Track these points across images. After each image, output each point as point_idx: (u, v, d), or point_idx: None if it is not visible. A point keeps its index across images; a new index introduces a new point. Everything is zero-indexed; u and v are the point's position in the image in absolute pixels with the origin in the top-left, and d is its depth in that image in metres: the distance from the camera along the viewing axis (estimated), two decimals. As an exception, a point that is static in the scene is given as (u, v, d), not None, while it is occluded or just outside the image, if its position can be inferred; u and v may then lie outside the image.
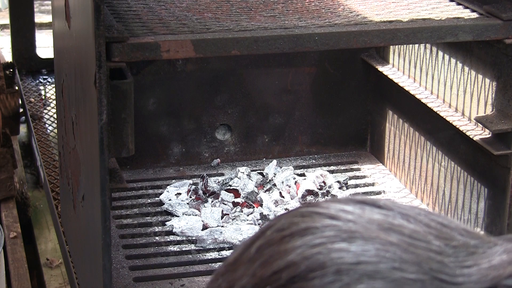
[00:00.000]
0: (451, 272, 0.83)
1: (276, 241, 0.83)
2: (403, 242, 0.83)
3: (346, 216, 0.84)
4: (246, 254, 0.84)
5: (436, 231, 0.87)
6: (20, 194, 3.67)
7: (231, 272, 0.84)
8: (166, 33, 2.06)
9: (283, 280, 0.79)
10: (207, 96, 3.05)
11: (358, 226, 0.84)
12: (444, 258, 0.84)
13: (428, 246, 0.84)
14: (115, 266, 2.41)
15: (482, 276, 0.84)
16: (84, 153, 2.19)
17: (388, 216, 0.86)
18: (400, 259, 0.82)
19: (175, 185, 2.87)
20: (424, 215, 0.88)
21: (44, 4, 6.76)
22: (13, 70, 4.20)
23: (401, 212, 0.87)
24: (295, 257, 0.80)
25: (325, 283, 0.78)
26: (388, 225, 0.85)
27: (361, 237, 0.82)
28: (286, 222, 0.85)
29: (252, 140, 3.14)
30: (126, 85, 1.94)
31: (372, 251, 0.81)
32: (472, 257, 0.86)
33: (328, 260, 0.80)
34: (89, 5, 1.88)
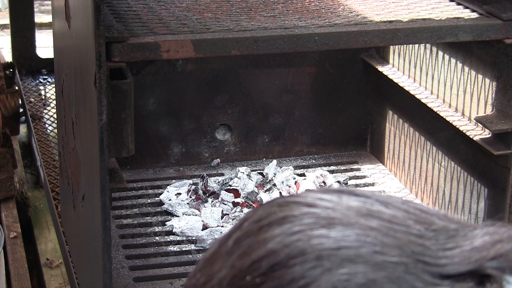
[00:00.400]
0: (434, 255, 0.82)
1: (254, 231, 0.82)
2: (383, 226, 0.83)
3: (324, 204, 0.84)
4: (223, 247, 0.83)
5: (415, 216, 0.86)
6: (20, 194, 3.67)
7: (209, 266, 0.83)
8: (166, 33, 2.06)
9: (263, 269, 0.78)
10: (207, 96, 3.05)
11: (337, 213, 0.83)
12: (425, 241, 0.83)
13: (408, 230, 0.83)
14: (115, 266, 2.41)
15: (465, 258, 0.83)
16: (84, 153, 2.19)
17: (366, 203, 0.85)
18: (381, 243, 0.81)
19: (175, 185, 2.87)
20: (402, 202, 0.88)
21: (44, 4, 6.76)
22: (13, 70, 4.20)
23: (379, 200, 0.87)
24: (274, 246, 0.79)
25: (306, 269, 0.78)
26: (366, 211, 0.84)
27: (341, 223, 0.81)
28: (263, 212, 0.84)
29: (252, 140, 3.14)
30: (126, 85, 1.94)
31: (352, 236, 0.80)
32: (453, 239, 0.85)
33: (308, 246, 0.79)
34: (89, 5, 1.88)
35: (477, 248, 0.85)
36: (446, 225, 0.87)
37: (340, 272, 0.78)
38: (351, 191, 0.88)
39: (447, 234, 0.86)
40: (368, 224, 0.83)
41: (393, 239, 0.82)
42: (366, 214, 0.84)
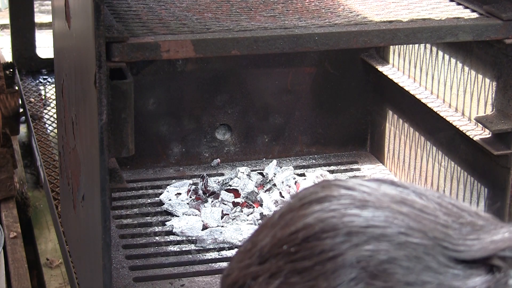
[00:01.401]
0: (454, 242, 0.91)
1: (296, 207, 0.92)
2: (412, 213, 0.92)
3: (362, 188, 0.93)
4: (270, 220, 0.94)
5: (446, 210, 0.94)
6: (20, 194, 3.67)
7: (256, 235, 0.95)
8: (166, 33, 2.06)
9: (298, 240, 0.89)
10: (207, 96, 3.05)
11: (372, 197, 0.92)
12: (449, 230, 0.91)
13: (435, 219, 0.92)
14: (115, 266, 2.41)
15: (481, 248, 0.91)
16: (84, 153, 2.19)
17: (403, 192, 0.95)
18: (407, 226, 0.90)
19: (175, 185, 2.87)
20: (438, 196, 0.96)
21: (44, 4, 6.76)
22: (13, 70, 4.20)
23: (416, 191, 0.96)
24: (311, 220, 0.90)
25: (336, 243, 0.88)
26: (400, 199, 0.93)
27: (373, 206, 0.91)
28: (307, 192, 0.94)
29: (252, 140, 3.14)
30: (126, 85, 1.94)
31: (381, 217, 0.90)
32: (476, 232, 0.93)
33: (340, 223, 0.89)
34: (89, 5, 1.88)
35: (495, 241, 0.92)
36: (474, 221, 0.95)
37: (365, 248, 0.87)
38: (392, 181, 0.97)
39: (472, 228, 0.94)
40: (399, 209, 0.92)
41: (419, 224, 0.91)
42: (399, 201, 0.93)
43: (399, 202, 0.93)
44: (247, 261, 0.93)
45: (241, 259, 0.94)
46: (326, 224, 0.89)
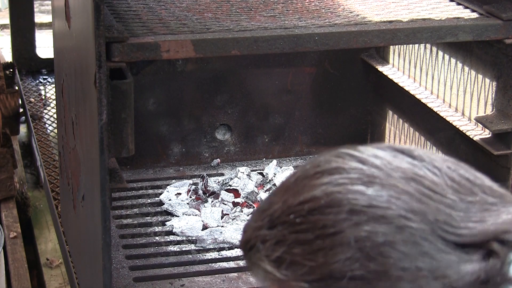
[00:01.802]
0: (456, 225, 0.93)
1: (310, 175, 0.97)
2: (418, 192, 0.94)
3: (374, 162, 0.97)
4: (288, 181, 1.00)
5: (457, 185, 0.97)
6: (20, 194, 3.67)
7: (273, 195, 1.01)
8: (166, 33, 2.06)
9: (304, 211, 0.94)
10: (207, 96, 3.05)
11: (381, 173, 0.95)
12: (453, 211, 0.94)
13: (441, 199, 0.94)
14: (115, 266, 2.41)
15: (484, 230, 0.94)
16: (84, 153, 2.19)
17: (416, 166, 0.97)
18: (409, 208, 0.93)
19: (175, 185, 2.87)
20: (454, 169, 0.99)
21: (44, 4, 6.76)
22: (13, 70, 4.20)
23: (432, 163, 0.98)
24: (318, 193, 0.94)
25: (337, 219, 0.93)
26: (411, 175, 0.95)
27: (380, 183, 0.94)
28: (323, 159, 0.99)
29: (252, 140, 3.13)
30: (126, 85, 1.94)
31: (384, 197, 0.93)
32: (482, 213, 0.95)
33: (345, 199, 0.93)
34: (89, 5, 1.88)
35: (498, 223, 0.95)
36: (484, 198, 0.97)
37: (364, 229, 0.92)
38: (410, 151, 0.99)
39: (481, 207, 0.96)
40: (405, 188, 0.94)
41: (422, 205, 0.93)
42: (409, 177, 0.95)
43: (408, 179, 0.95)
44: (260, 223, 1.00)
45: (256, 219, 1.01)
46: (331, 199, 0.94)
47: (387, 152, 0.98)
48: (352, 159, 0.97)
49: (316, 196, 0.94)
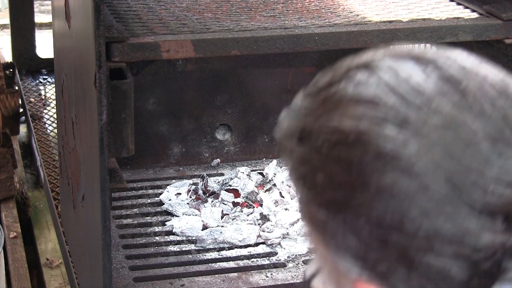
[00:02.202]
0: (485, 187, 0.88)
1: (348, 97, 0.93)
2: (452, 144, 0.88)
3: (415, 100, 0.90)
4: (328, 89, 0.99)
5: (499, 134, 0.89)
6: (20, 194, 3.67)
7: (311, 97, 1.03)
8: (166, 33, 2.06)
9: (332, 141, 0.92)
10: (207, 96, 3.05)
11: (418, 116, 0.89)
12: (488, 169, 0.88)
13: (475, 155, 0.88)
14: (115, 266, 2.41)
15: (510, 196, 0.88)
16: (84, 153, 2.19)
17: (460, 108, 0.89)
18: (436, 165, 0.88)
19: (175, 185, 2.87)
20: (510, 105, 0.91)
21: (44, 4, 6.76)
22: (13, 70, 4.20)
23: (482, 102, 0.90)
24: (348, 126, 0.91)
25: (363, 161, 0.89)
26: (449, 122, 0.89)
27: (413, 129, 0.89)
28: (367, 76, 0.94)
29: (252, 140, 3.13)
30: (126, 85, 1.94)
31: (414, 147, 0.88)
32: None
33: (373, 142, 0.89)
34: (89, 5, 1.88)
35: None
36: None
37: (387, 178, 0.88)
38: (464, 88, 0.91)
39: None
40: (439, 139, 0.89)
41: (452, 162, 0.88)
42: (446, 125, 0.89)
43: (446, 127, 0.89)
44: (291, 130, 1.01)
45: (290, 121, 1.03)
46: (359, 138, 0.90)
47: (436, 84, 0.91)
48: (394, 90, 0.91)
49: (345, 129, 0.91)
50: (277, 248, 2.52)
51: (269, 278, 2.37)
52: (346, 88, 0.94)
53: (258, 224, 2.61)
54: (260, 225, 2.60)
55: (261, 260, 2.46)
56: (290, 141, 0.99)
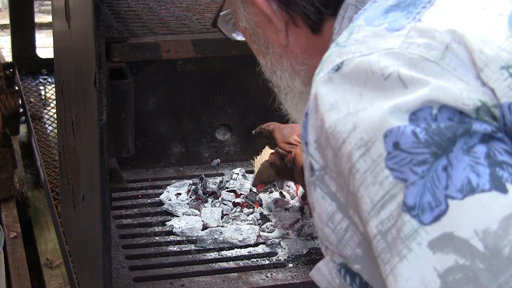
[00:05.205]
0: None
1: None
2: None
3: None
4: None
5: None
6: (20, 194, 3.67)
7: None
8: (166, 33, 2.06)
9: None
10: (207, 96, 3.05)
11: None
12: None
13: None
14: (115, 266, 2.41)
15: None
16: (84, 153, 2.19)
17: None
18: None
19: (175, 185, 2.87)
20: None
21: (44, 4, 6.77)
22: (13, 70, 4.20)
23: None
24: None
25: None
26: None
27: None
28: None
29: (252, 140, 3.13)
30: (126, 85, 1.94)
31: None
32: None
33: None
34: (89, 5, 1.88)
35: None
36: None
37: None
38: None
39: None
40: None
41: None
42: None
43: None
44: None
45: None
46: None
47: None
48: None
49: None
50: (277, 248, 2.52)
51: (269, 278, 2.37)
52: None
53: (258, 224, 2.61)
54: (260, 225, 2.60)
55: (261, 260, 2.46)
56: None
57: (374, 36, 1.08)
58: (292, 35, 1.34)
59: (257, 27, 1.40)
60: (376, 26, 1.09)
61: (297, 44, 1.35)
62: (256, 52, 1.45)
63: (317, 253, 2.49)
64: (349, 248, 1.09)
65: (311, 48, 1.33)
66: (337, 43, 1.13)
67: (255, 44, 1.44)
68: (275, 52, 1.43)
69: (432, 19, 1.08)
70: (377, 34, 1.08)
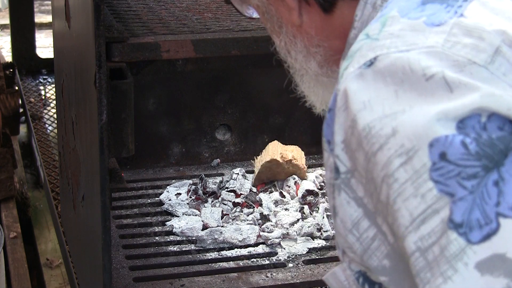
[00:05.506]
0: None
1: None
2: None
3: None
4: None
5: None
6: (20, 194, 3.67)
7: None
8: (166, 33, 2.06)
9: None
10: (207, 96, 3.05)
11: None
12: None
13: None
14: (115, 266, 2.41)
15: None
16: (84, 153, 2.19)
17: None
18: None
19: (175, 185, 2.87)
20: None
21: (44, 4, 6.77)
22: (13, 70, 4.20)
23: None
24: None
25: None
26: None
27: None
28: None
29: (252, 140, 3.13)
30: (126, 85, 1.94)
31: None
32: None
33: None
34: (89, 5, 1.88)
35: None
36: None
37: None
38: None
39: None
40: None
41: None
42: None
43: None
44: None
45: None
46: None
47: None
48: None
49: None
50: (277, 248, 2.52)
51: (269, 278, 2.37)
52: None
53: (258, 224, 2.61)
54: (260, 225, 2.60)
55: (261, 260, 2.46)
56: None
57: (412, 30, 1.00)
58: (306, 15, 1.25)
59: (269, 4, 1.30)
60: (413, 19, 1.01)
61: (312, 24, 1.26)
62: (270, 31, 1.33)
63: (317, 253, 2.50)
64: (375, 258, 1.03)
65: (327, 30, 1.24)
66: (367, 35, 1.04)
67: (268, 23, 1.35)
68: (289, 31, 1.32)
69: (476, 15, 1.00)
70: (415, 28, 1.00)
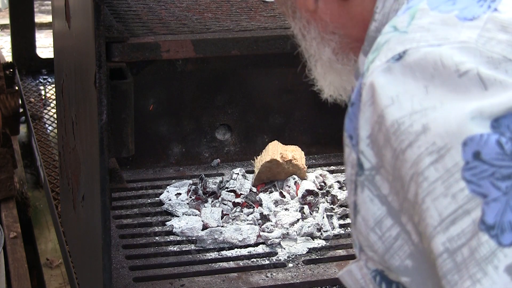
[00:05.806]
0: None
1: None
2: None
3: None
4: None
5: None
6: (20, 194, 3.67)
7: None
8: (166, 33, 2.06)
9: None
10: (207, 96, 3.05)
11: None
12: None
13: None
14: (115, 266, 2.41)
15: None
16: (84, 153, 2.19)
17: None
18: None
19: (175, 185, 2.87)
20: None
21: (44, 4, 6.77)
22: (13, 70, 4.20)
23: None
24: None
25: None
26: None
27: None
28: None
29: (252, 140, 3.13)
30: (126, 85, 1.94)
31: None
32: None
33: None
34: (89, 5, 1.88)
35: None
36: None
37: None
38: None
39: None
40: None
41: None
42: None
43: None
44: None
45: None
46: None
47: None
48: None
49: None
50: (277, 248, 2.52)
51: (269, 278, 2.37)
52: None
53: (258, 224, 2.61)
54: (260, 225, 2.60)
55: (261, 260, 2.46)
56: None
57: (443, 24, 0.97)
58: (322, 0, 1.20)
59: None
60: (444, 12, 0.98)
61: (327, 10, 1.20)
62: (284, 14, 1.31)
63: (317, 253, 2.50)
64: (398, 258, 1.00)
65: (344, 17, 1.20)
66: (395, 27, 1.01)
67: (283, 7, 1.29)
68: (303, 16, 1.26)
69: (511, 10, 0.98)
70: (446, 22, 0.97)
